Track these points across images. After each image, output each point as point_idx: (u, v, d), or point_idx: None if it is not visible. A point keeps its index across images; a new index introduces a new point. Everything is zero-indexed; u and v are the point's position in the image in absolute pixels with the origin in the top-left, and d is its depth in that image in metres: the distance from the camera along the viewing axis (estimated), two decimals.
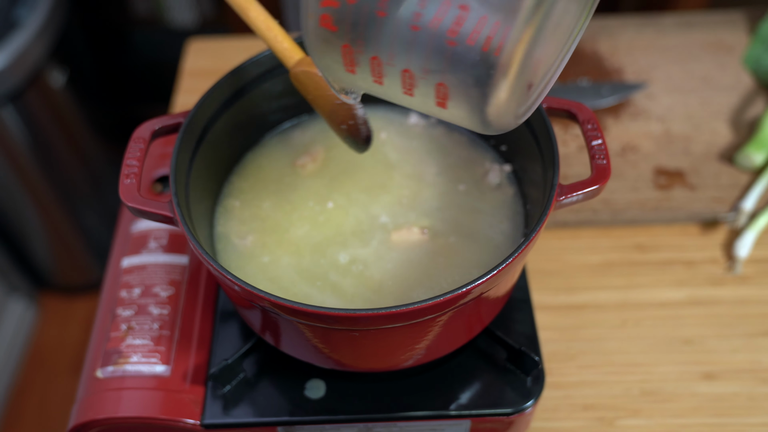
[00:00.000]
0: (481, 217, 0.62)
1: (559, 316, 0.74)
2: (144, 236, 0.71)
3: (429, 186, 0.65)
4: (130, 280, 0.67)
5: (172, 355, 0.63)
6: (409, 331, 0.51)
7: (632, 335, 0.73)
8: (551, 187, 0.52)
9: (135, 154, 0.55)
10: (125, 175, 0.54)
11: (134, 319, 0.65)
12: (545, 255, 0.79)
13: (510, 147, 0.65)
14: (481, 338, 0.62)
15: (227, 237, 0.62)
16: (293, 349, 0.58)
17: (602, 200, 0.81)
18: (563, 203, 0.52)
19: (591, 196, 0.53)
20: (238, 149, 0.67)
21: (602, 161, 0.54)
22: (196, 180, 0.59)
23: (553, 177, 0.52)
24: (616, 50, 0.99)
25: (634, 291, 0.76)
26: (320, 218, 0.63)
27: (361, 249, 0.60)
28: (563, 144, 0.87)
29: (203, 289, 0.68)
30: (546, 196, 0.52)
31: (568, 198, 0.52)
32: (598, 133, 0.56)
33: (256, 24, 0.56)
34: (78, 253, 1.63)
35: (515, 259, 0.48)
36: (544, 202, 0.52)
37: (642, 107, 0.91)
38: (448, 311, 0.49)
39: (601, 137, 0.56)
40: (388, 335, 0.51)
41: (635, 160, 0.85)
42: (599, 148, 0.55)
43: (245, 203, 0.65)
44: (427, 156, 0.67)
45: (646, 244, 0.80)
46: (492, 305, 0.57)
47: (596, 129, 0.56)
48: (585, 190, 0.53)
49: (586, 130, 0.56)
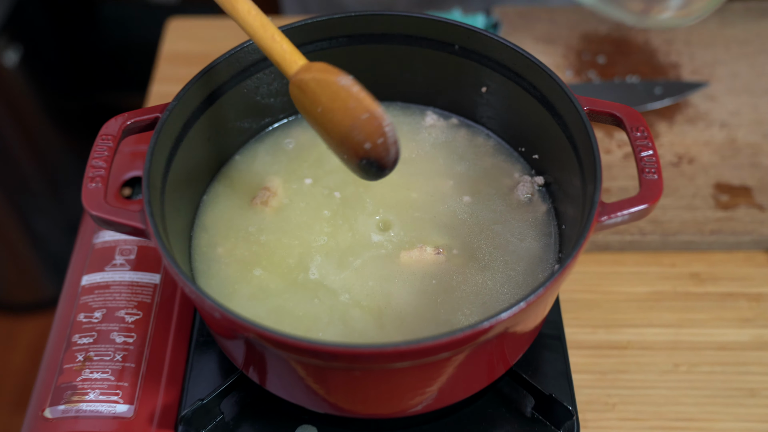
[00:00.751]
0: (507, 238, 0.63)
1: (598, 357, 0.74)
2: (108, 250, 0.71)
3: (445, 199, 0.65)
4: (90, 302, 0.68)
5: (137, 392, 0.63)
6: (419, 372, 0.52)
7: (685, 383, 0.73)
8: (591, 206, 0.52)
9: (102, 154, 0.55)
10: (90, 178, 0.54)
11: (93, 348, 0.65)
12: (582, 284, 0.79)
13: (543, 156, 0.65)
14: (503, 381, 0.62)
15: (208, 254, 0.63)
16: (282, 389, 0.58)
17: (652, 220, 0.82)
18: (605, 224, 0.53)
19: (638, 216, 0.54)
20: (225, 150, 0.68)
21: (653, 176, 0.55)
22: (173, 186, 0.60)
23: (593, 193, 0.53)
24: (672, 42, 0.99)
25: (689, 329, 0.76)
26: (317, 235, 0.63)
27: (363, 272, 0.60)
28: (606, 152, 0.87)
29: (177, 314, 0.68)
30: (585, 216, 0.53)
31: (611, 218, 0.52)
32: (648, 142, 0.56)
33: (247, 21, 0.56)
34: (28, 266, 1.63)
35: (547, 290, 0.48)
36: (583, 222, 0.52)
37: (702, 110, 0.92)
38: (465, 349, 0.49)
39: (652, 147, 0.56)
40: (394, 376, 0.52)
41: (692, 172, 0.86)
42: (650, 161, 0.55)
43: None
44: (445, 164, 0.68)
45: (704, 274, 0.80)
46: (518, 343, 0.57)
47: (647, 137, 0.57)
48: (631, 209, 0.53)
49: (635, 138, 0.57)
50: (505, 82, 0.64)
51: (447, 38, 0.65)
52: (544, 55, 0.97)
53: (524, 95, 0.64)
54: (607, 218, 0.52)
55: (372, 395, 0.54)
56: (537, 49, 0.98)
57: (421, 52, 0.67)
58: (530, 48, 0.97)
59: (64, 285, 0.72)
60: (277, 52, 0.56)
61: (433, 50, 0.67)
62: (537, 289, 0.48)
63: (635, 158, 0.56)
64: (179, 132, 0.60)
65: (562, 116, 0.60)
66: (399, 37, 0.67)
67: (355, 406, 0.56)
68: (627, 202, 0.53)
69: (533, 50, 0.97)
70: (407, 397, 0.55)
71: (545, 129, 0.63)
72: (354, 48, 0.67)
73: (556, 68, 0.96)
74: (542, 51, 0.98)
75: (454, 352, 0.49)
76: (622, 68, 0.96)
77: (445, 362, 0.51)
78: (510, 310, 0.47)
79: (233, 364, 0.61)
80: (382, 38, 0.67)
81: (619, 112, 0.58)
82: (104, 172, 0.55)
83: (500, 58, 0.64)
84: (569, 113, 0.59)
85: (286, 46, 0.57)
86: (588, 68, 0.96)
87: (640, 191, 0.54)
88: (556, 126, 0.61)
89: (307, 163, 0.68)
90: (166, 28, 1.05)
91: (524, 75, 0.63)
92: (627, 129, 0.57)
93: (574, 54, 0.98)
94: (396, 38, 0.67)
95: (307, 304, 0.59)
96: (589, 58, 0.98)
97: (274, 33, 0.56)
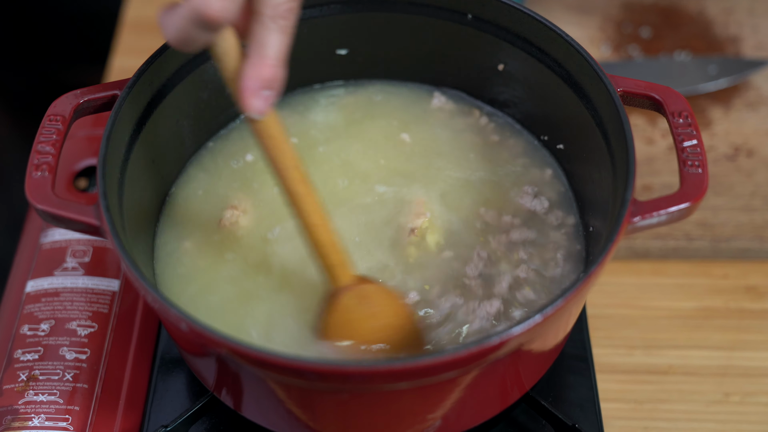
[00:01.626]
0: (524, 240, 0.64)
1: (633, 383, 0.76)
2: (59, 251, 0.73)
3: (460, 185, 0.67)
4: (36, 311, 0.70)
5: (91, 417, 0.65)
6: (419, 395, 0.53)
7: (737, 415, 0.74)
8: (622, 204, 0.54)
9: (50, 138, 0.57)
10: (35, 165, 0.56)
11: (39, 365, 0.67)
12: (617, 297, 0.81)
13: (570, 146, 0.67)
14: (519, 409, 0.64)
15: (176, 256, 0.64)
16: (259, 414, 0.60)
17: (700, 223, 0.83)
18: (638, 226, 0.54)
19: (679, 217, 0.55)
20: (198, 135, 0.70)
21: (696, 169, 0.56)
22: (135, 176, 0.61)
23: (624, 191, 0.54)
24: (731, 12, 1.00)
25: (743, 353, 0.77)
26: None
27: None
28: (647, 142, 0.89)
29: (139, 326, 0.70)
30: (614, 216, 0.54)
31: (645, 219, 0.54)
32: (692, 130, 0.58)
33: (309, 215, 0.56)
34: None
35: (567, 301, 0.50)
36: (611, 224, 0.54)
37: (765, 93, 0.93)
38: (472, 369, 0.51)
39: (697, 136, 0.58)
40: (390, 400, 0.53)
41: (751, 167, 0.87)
42: (693, 152, 0.57)
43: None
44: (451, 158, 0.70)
45: (763, 287, 0.81)
46: (535, 363, 0.58)
47: (690, 124, 0.58)
48: (670, 209, 0.54)
49: (676, 126, 0.58)
50: (525, 58, 0.66)
51: (458, 6, 0.67)
52: (577, 26, 0.99)
53: (548, 74, 0.65)
54: (640, 219, 0.54)
55: (364, 422, 0.56)
56: (568, 19, 0.99)
57: (428, 22, 0.69)
58: (560, 18, 0.99)
59: (4, 292, 0.74)
60: (332, 253, 0.58)
61: (442, 20, 0.68)
62: (555, 300, 0.50)
63: (676, 149, 0.57)
64: (141, 113, 0.62)
65: (591, 99, 0.62)
66: (402, 4, 0.68)
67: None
68: (664, 200, 0.55)
69: (564, 21, 0.98)
70: (405, 424, 0.56)
71: (572, 114, 0.64)
72: (350, 17, 0.69)
73: (590, 42, 0.97)
74: (574, 22, 0.99)
75: (458, 372, 0.50)
76: (670, 43, 0.98)
77: (448, 384, 0.52)
78: (523, 324, 0.49)
79: (203, 385, 0.63)
80: (382, 5, 0.69)
81: (659, 94, 0.60)
82: (52, 159, 0.56)
83: (520, 30, 0.65)
84: (600, 95, 0.61)
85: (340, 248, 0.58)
86: (629, 42, 0.98)
87: (681, 187, 0.55)
88: (585, 110, 0.63)
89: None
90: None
91: (548, 50, 0.64)
92: (667, 114, 0.59)
93: (613, 26, 0.99)
94: (398, 5, 0.69)
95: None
96: (631, 30, 0.99)
97: (331, 229, 0.57)
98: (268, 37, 0.50)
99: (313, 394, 0.54)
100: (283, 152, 0.54)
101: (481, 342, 0.48)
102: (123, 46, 1.01)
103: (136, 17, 1.04)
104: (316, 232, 0.57)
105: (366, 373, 0.49)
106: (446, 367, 0.49)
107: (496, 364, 0.52)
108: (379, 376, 0.49)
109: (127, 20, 1.04)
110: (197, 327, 0.50)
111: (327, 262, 0.58)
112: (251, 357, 0.50)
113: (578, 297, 0.51)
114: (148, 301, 0.54)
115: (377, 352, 0.58)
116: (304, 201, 0.56)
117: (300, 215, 0.56)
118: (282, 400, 0.55)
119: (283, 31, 0.50)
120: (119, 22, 1.04)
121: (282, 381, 0.53)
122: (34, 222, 0.76)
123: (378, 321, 0.59)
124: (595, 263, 0.51)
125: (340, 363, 0.51)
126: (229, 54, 0.51)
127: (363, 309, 0.59)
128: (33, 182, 0.55)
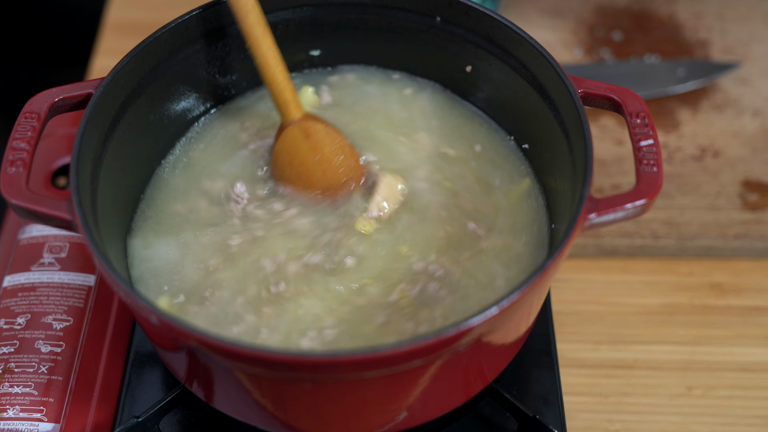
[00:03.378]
0: (490, 236, 0.66)
1: (598, 377, 0.77)
2: (36, 246, 0.74)
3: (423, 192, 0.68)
4: (13, 306, 0.71)
5: (65, 409, 0.66)
6: (383, 385, 0.54)
7: (700, 408, 0.75)
8: (579, 201, 0.55)
9: (25, 135, 0.58)
10: (9, 161, 0.57)
11: (14, 358, 0.68)
12: (585, 294, 0.82)
13: (534, 146, 0.68)
14: (484, 401, 0.65)
15: (148, 251, 0.66)
16: (229, 406, 0.61)
17: (667, 221, 0.85)
18: (595, 222, 0.55)
19: (635, 214, 0.56)
20: (171, 133, 0.71)
21: (651, 168, 0.57)
22: (109, 173, 0.62)
23: (582, 188, 0.55)
24: (701, 16, 1.02)
25: (705, 348, 0.79)
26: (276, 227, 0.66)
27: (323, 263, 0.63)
28: (617, 143, 0.90)
29: (114, 321, 0.71)
30: (571, 213, 0.55)
31: (601, 216, 0.55)
32: (649, 131, 0.59)
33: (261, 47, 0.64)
34: None
35: (524, 294, 0.51)
36: (569, 219, 0.55)
37: (732, 96, 0.94)
38: (433, 359, 0.52)
39: (653, 136, 0.59)
40: (356, 389, 0.55)
41: (717, 167, 0.88)
42: (649, 151, 0.58)
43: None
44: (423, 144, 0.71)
45: (726, 285, 0.83)
46: (496, 355, 0.60)
47: (647, 125, 0.60)
48: (626, 205, 0.56)
49: (633, 126, 0.59)
50: (491, 60, 0.68)
51: (426, 9, 0.68)
52: (550, 30, 1.00)
53: (513, 76, 0.67)
54: (596, 215, 0.55)
55: (330, 411, 0.57)
56: (542, 23, 1.01)
57: (397, 23, 0.70)
58: (534, 22, 1.00)
59: None
60: (284, 91, 0.66)
61: (411, 22, 0.70)
62: (511, 293, 0.51)
63: (633, 148, 0.59)
64: (116, 111, 0.63)
65: (553, 100, 0.63)
66: (373, 7, 0.70)
67: (311, 424, 0.59)
68: (620, 198, 0.56)
69: (537, 24, 1.00)
70: (370, 413, 0.57)
71: (536, 115, 0.66)
72: (321, 19, 0.71)
73: (563, 46, 0.99)
74: (548, 26, 1.01)
75: (419, 362, 0.52)
76: (641, 46, 0.99)
77: (411, 374, 0.53)
78: (480, 315, 0.50)
79: (176, 377, 0.64)
80: (353, 8, 0.70)
81: (618, 95, 0.61)
82: (26, 155, 0.57)
83: (486, 32, 0.67)
84: (561, 96, 0.62)
85: (292, 88, 0.66)
86: (601, 46, 0.99)
87: (637, 185, 0.57)
88: (548, 111, 0.64)
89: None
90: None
91: (513, 52, 0.66)
92: (625, 115, 0.60)
93: (586, 29, 1.01)
94: (369, 8, 0.70)
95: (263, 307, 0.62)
96: (603, 34, 1.01)
97: (284, 70, 0.65)
98: None
99: (279, 384, 0.55)
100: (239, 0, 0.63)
101: (439, 333, 0.49)
102: (104, 46, 1.02)
103: (118, 18, 1.05)
104: (271, 71, 0.65)
105: (328, 362, 0.50)
106: (405, 358, 0.50)
107: (458, 355, 0.54)
108: (341, 366, 0.50)
109: (109, 21, 1.05)
110: (166, 319, 0.51)
111: (279, 100, 0.66)
112: (218, 348, 0.51)
113: (534, 290, 0.52)
114: (120, 295, 0.55)
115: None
116: (260, 43, 0.64)
117: (256, 56, 0.65)
118: (249, 391, 0.56)
119: None
120: (101, 24, 1.05)
121: (249, 372, 0.54)
122: (11, 218, 0.77)
123: (319, 155, 0.66)
124: (551, 257, 0.53)
125: (303, 353, 0.52)
126: None
127: (307, 142, 0.66)
128: (7, 178, 0.56)
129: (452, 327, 0.50)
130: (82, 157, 0.58)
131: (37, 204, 0.55)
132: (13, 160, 0.57)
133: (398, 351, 0.49)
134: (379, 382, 0.54)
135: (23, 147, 0.57)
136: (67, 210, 0.55)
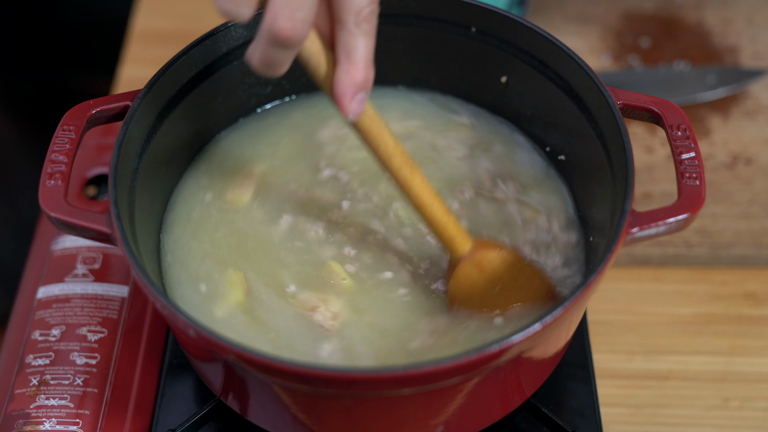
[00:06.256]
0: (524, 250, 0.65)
1: (632, 388, 0.76)
2: (69, 258, 0.74)
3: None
4: (47, 317, 0.71)
5: (100, 421, 0.65)
6: (422, 401, 0.54)
7: (737, 420, 0.75)
8: (621, 215, 0.54)
9: (63, 147, 0.58)
10: (48, 174, 0.57)
11: (50, 370, 0.68)
12: (617, 303, 0.81)
13: (571, 157, 0.68)
14: (520, 416, 0.65)
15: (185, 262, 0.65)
16: (265, 419, 0.61)
17: (700, 231, 0.84)
18: (636, 236, 0.55)
19: (677, 228, 0.56)
20: (202, 139, 0.71)
21: (694, 181, 0.57)
22: (144, 184, 0.62)
23: (623, 202, 0.55)
24: (730, 22, 1.01)
25: (742, 358, 0.78)
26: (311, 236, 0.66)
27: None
28: (647, 150, 0.89)
29: (147, 332, 0.71)
30: (613, 227, 0.55)
31: (643, 230, 0.55)
32: (690, 143, 0.59)
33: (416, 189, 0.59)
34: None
35: (566, 310, 0.51)
36: (610, 234, 0.54)
37: (763, 102, 0.94)
38: (473, 376, 0.52)
39: (695, 149, 0.58)
40: (393, 405, 0.54)
41: (749, 175, 0.88)
42: (691, 164, 0.58)
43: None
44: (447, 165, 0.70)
45: (761, 294, 0.82)
46: (535, 370, 0.59)
47: (689, 137, 0.59)
48: (668, 220, 0.55)
49: (674, 138, 0.59)
50: (526, 70, 0.67)
51: (462, 20, 0.68)
52: (577, 37, 0.99)
53: (550, 86, 0.66)
54: (638, 230, 0.55)
55: (367, 427, 0.57)
56: (569, 29, 1.00)
57: (432, 35, 0.70)
58: (561, 28, 0.99)
59: (16, 298, 0.75)
60: (447, 226, 0.61)
61: (447, 33, 0.69)
62: (554, 309, 0.50)
63: (674, 161, 0.58)
64: (152, 123, 0.63)
65: (591, 112, 0.62)
66: (408, 18, 0.69)
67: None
68: (662, 212, 0.55)
69: (564, 31, 0.99)
70: (408, 429, 0.57)
71: (573, 127, 0.65)
72: None
73: (590, 52, 0.98)
74: (575, 32, 1.00)
75: (459, 379, 0.51)
76: (669, 52, 0.98)
77: (450, 391, 0.53)
78: (523, 332, 0.49)
79: (210, 389, 0.64)
80: (387, 18, 0.69)
81: (658, 107, 0.61)
82: (65, 167, 0.57)
83: (522, 43, 0.66)
84: (600, 108, 0.61)
85: (455, 221, 0.61)
86: (629, 52, 0.98)
87: (679, 199, 0.56)
88: (586, 123, 0.63)
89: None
90: (138, 1, 1.08)
91: (548, 62, 0.65)
92: (666, 127, 0.59)
93: (613, 36, 1.00)
94: (404, 18, 0.69)
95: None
96: (631, 40, 1.00)
97: (442, 205, 0.60)
98: (354, 43, 0.52)
99: (317, 400, 0.55)
100: (382, 144, 0.57)
101: (481, 350, 0.49)
102: (131, 56, 1.02)
103: (144, 28, 1.05)
104: (428, 210, 0.60)
105: (367, 379, 0.50)
106: (446, 375, 0.50)
107: (497, 371, 0.53)
108: (381, 383, 0.50)
109: (136, 30, 1.05)
110: (204, 333, 0.51)
111: (443, 237, 0.61)
112: (257, 363, 0.50)
113: (576, 306, 0.52)
114: (158, 308, 0.55)
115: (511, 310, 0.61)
116: (411, 184, 0.59)
117: (410, 197, 0.59)
118: (287, 405, 0.56)
119: (368, 35, 0.52)
120: (128, 32, 1.05)
121: (287, 386, 0.54)
122: (44, 229, 0.77)
123: (499, 285, 0.62)
124: (593, 273, 0.52)
125: (343, 369, 0.52)
126: (316, 59, 0.53)
127: (483, 276, 0.61)
128: (46, 191, 0.56)
129: (494, 343, 0.49)
130: (120, 170, 0.58)
131: (76, 217, 0.55)
132: (52, 172, 0.57)
133: (439, 368, 0.49)
134: (418, 398, 0.53)
135: (62, 159, 0.57)
136: (106, 223, 0.55)
